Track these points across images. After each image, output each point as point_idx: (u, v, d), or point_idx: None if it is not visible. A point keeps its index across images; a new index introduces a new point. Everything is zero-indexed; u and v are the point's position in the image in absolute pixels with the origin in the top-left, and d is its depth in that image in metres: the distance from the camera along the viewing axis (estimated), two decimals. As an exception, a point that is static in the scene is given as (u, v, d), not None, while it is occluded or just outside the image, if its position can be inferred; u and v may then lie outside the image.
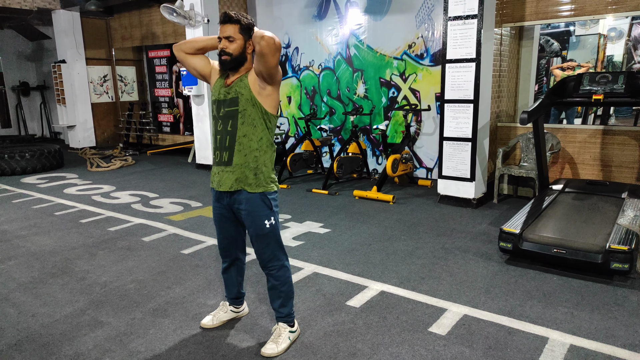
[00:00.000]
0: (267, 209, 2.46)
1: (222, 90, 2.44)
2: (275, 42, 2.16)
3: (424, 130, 6.56)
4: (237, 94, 2.38)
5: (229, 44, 2.34)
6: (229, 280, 2.79)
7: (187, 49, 2.55)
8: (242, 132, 2.39)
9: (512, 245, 3.60)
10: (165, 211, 5.38)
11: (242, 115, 2.38)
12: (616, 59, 8.50)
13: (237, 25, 2.33)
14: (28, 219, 5.18)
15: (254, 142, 2.41)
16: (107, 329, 2.81)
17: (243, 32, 2.34)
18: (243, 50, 2.36)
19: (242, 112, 2.38)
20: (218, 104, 2.45)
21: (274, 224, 2.49)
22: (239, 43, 2.34)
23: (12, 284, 3.48)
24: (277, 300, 2.58)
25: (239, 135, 2.40)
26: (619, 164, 5.02)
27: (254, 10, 8.18)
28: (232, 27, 2.32)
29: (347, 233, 4.49)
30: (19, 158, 7.73)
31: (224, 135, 2.43)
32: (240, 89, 2.38)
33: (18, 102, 12.11)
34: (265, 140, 2.44)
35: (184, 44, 2.55)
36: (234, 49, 2.34)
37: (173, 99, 10.24)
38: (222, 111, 2.42)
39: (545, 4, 5.22)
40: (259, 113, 2.39)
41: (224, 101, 2.42)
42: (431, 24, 6.24)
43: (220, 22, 2.36)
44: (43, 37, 10.91)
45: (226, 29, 2.33)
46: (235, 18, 2.32)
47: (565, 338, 2.62)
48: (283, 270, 2.55)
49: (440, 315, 2.89)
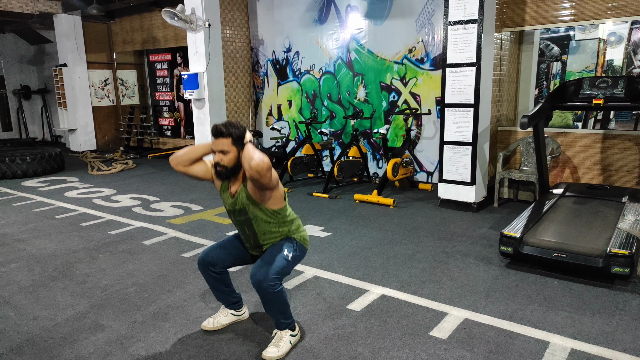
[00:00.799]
0: (290, 246, 2.58)
1: (229, 202, 2.58)
2: (264, 167, 2.27)
3: (425, 134, 6.57)
4: (243, 205, 2.52)
5: (223, 157, 2.42)
6: (219, 292, 2.79)
7: (184, 162, 2.59)
8: (261, 231, 2.57)
9: (513, 249, 3.60)
10: (166, 215, 5.38)
11: (255, 221, 2.54)
12: (616, 63, 8.52)
13: (229, 139, 2.39)
14: (29, 222, 5.19)
15: (276, 232, 2.58)
16: (107, 332, 2.81)
17: (235, 143, 2.41)
18: (237, 160, 2.44)
19: (254, 218, 2.53)
20: (229, 213, 2.63)
21: (292, 256, 2.57)
22: (233, 155, 2.42)
23: (13, 287, 3.48)
24: (276, 314, 2.56)
25: (259, 234, 2.58)
26: (619, 168, 5.03)
27: (255, 14, 8.21)
28: (225, 141, 2.39)
29: (347, 237, 4.49)
30: (20, 161, 7.74)
31: (246, 235, 2.63)
32: (244, 201, 2.51)
33: (19, 106, 12.14)
34: (282, 219, 2.58)
35: (180, 157, 2.58)
36: (228, 161, 2.43)
37: (174, 103, 10.26)
38: (236, 219, 2.60)
39: (545, 9, 5.25)
40: (269, 213, 2.53)
41: (234, 211, 2.58)
42: (431, 29, 6.26)
43: (213, 136, 2.43)
44: (44, 41, 10.95)
45: (219, 143, 2.40)
46: (227, 132, 2.39)
47: (566, 342, 2.62)
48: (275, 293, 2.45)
49: (441, 319, 2.89)
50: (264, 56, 8.31)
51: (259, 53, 8.38)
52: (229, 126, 2.39)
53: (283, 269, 2.50)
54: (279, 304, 2.51)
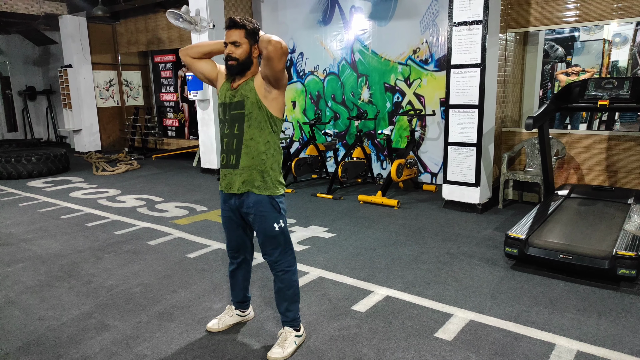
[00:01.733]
0: (276, 212, 2.48)
1: (228, 94, 2.46)
2: (282, 47, 2.19)
3: (429, 135, 6.56)
4: (243, 97, 2.40)
5: (235, 49, 2.36)
6: (235, 284, 2.80)
7: (194, 53, 2.57)
8: (249, 135, 2.42)
9: (518, 250, 3.59)
10: (171, 215, 5.40)
11: (248, 118, 2.41)
12: (621, 64, 8.49)
13: (243, 30, 2.35)
14: (34, 222, 5.21)
15: (261, 145, 2.43)
16: (113, 332, 2.82)
17: (249, 36, 2.36)
18: (249, 54, 2.38)
19: (249, 115, 2.40)
20: (224, 106, 2.47)
21: (283, 226, 2.51)
22: (245, 48, 2.36)
23: (19, 287, 3.49)
24: (283, 304, 2.59)
25: (245, 138, 2.42)
26: (625, 170, 5.01)
27: (259, 15, 8.23)
28: (238, 32, 2.34)
29: (351, 238, 4.49)
30: (25, 162, 7.78)
31: (231, 139, 2.45)
32: (247, 93, 2.40)
33: (24, 107, 12.20)
34: (272, 143, 2.46)
35: (190, 48, 2.57)
36: (240, 54, 2.36)
37: (178, 104, 10.29)
38: (229, 114, 2.45)
39: (550, 10, 5.23)
40: (265, 116, 2.41)
41: (230, 104, 2.44)
42: (436, 30, 6.26)
43: (226, 28, 2.38)
44: (50, 42, 11.00)
45: (232, 34, 2.35)
46: (241, 23, 2.34)
47: (572, 344, 2.61)
48: (290, 274, 2.56)
49: (446, 321, 2.88)
50: (268, 57, 8.31)
51: (263, 54, 8.38)
52: (243, 18, 2.35)
53: (287, 240, 2.53)
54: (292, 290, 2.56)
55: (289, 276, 2.55)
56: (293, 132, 8.23)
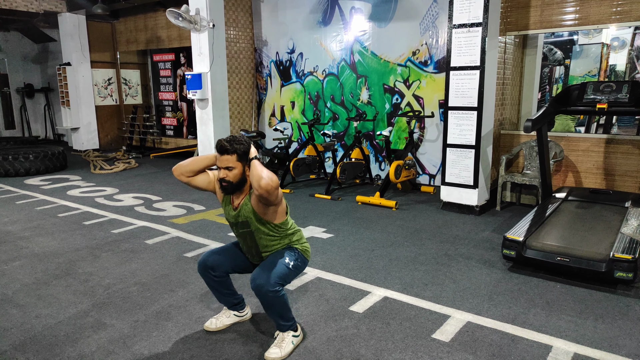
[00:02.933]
0: (292, 253, 2.60)
1: (232, 214, 2.59)
2: (274, 185, 2.31)
3: (427, 136, 6.57)
4: (246, 218, 2.53)
5: (229, 173, 2.44)
6: (220, 297, 2.80)
7: (188, 173, 2.60)
8: (263, 244, 2.59)
9: (516, 252, 3.60)
10: (169, 214, 5.39)
11: (257, 233, 2.56)
12: (619, 68, 8.52)
13: (235, 155, 2.41)
14: (31, 220, 5.20)
15: (277, 244, 2.60)
16: (110, 331, 2.81)
17: (241, 159, 2.43)
18: (242, 175, 2.47)
19: (256, 230, 2.55)
20: (232, 225, 2.64)
21: (294, 265, 2.56)
22: (239, 170, 2.45)
23: (16, 285, 3.48)
24: (277, 317, 2.56)
25: (261, 247, 2.61)
26: (623, 173, 5.03)
27: (259, 15, 8.23)
28: (230, 157, 2.42)
29: (349, 238, 4.49)
30: (23, 159, 7.76)
31: (248, 247, 2.65)
32: (247, 214, 2.52)
33: (22, 104, 12.17)
34: (284, 232, 2.60)
35: (183, 167, 2.59)
36: (233, 177, 2.45)
37: (177, 103, 10.28)
38: (238, 232, 2.62)
39: (549, 13, 5.25)
40: (271, 227, 2.55)
41: (237, 223, 2.59)
42: (435, 32, 6.27)
43: (218, 152, 2.43)
44: (48, 40, 10.98)
45: (224, 160, 2.42)
46: (232, 149, 2.40)
47: (569, 346, 2.62)
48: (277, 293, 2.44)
49: (444, 322, 2.89)
50: (267, 57, 8.32)
51: (262, 54, 8.39)
52: (233, 142, 2.40)
53: (284, 276, 2.48)
54: (279, 308, 2.51)
55: (274, 294, 2.43)
56: (292, 133, 8.23)
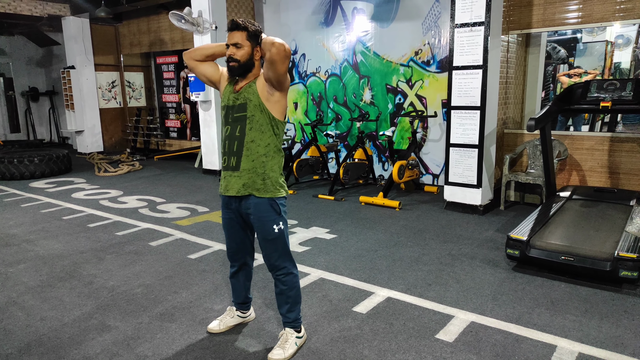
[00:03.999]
0: (275, 214, 2.48)
1: (231, 96, 2.47)
2: (286, 49, 2.20)
3: (430, 136, 6.56)
4: (245, 99, 2.41)
5: (237, 51, 2.36)
6: (236, 285, 2.80)
7: (197, 56, 2.58)
8: (250, 138, 2.42)
9: (520, 252, 3.59)
10: (172, 216, 5.40)
11: (250, 121, 2.41)
12: (624, 66, 8.47)
13: (245, 32, 2.35)
14: (36, 223, 5.22)
15: (262, 148, 2.43)
16: (114, 333, 2.82)
17: (250, 38, 2.36)
18: (251, 56, 2.39)
19: (250, 117, 2.40)
20: (227, 109, 2.48)
21: (282, 229, 2.50)
22: (247, 50, 2.37)
23: (21, 288, 3.50)
24: (285, 306, 2.58)
25: (246, 140, 2.42)
26: (627, 171, 4.99)
27: (262, 16, 8.24)
28: (240, 34, 2.35)
29: (353, 239, 4.49)
30: (28, 162, 7.80)
31: (232, 141, 2.45)
32: (249, 95, 2.40)
33: (27, 108, 12.24)
34: (272, 146, 2.46)
35: (193, 51, 2.59)
36: (241, 56, 2.37)
37: (180, 105, 10.31)
38: (231, 116, 2.45)
39: (552, 11, 5.23)
40: (267, 119, 2.42)
41: (233, 107, 2.45)
42: (438, 31, 6.26)
43: (228, 29, 2.39)
44: (53, 43, 11.04)
45: (234, 36, 2.36)
46: (243, 25, 2.35)
47: (573, 346, 2.60)
48: (291, 276, 2.56)
49: (447, 322, 2.88)
50: (270, 58, 8.32)
51: (265, 55, 8.39)
52: (245, 20, 2.37)
53: (284, 247, 2.51)
54: (294, 294, 2.55)
55: (290, 278, 2.55)
56: (295, 134, 8.23)
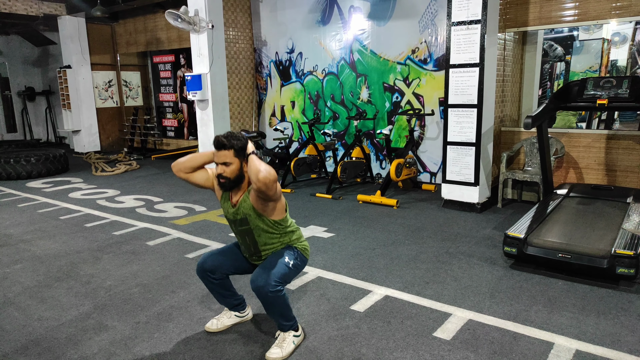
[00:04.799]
0: (292, 252, 2.60)
1: (230, 211, 2.58)
2: (272, 179, 2.29)
3: (428, 134, 6.56)
4: (244, 215, 2.52)
5: (226, 169, 2.43)
6: (220, 296, 2.79)
7: (186, 169, 2.61)
8: (262, 242, 2.58)
9: (517, 249, 3.59)
10: (170, 215, 5.39)
11: (256, 231, 2.54)
12: (620, 63, 8.49)
13: (232, 151, 2.40)
14: (33, 223, 5.21)
15: (276, 241, 2.59)
16: (112, 332, 2.81)
17: (238, 155, 2.42)
18: (240, 171, 2.47)
19: (255, 228, 2.54)
20: (230, 222, 2.62)
21: (293, 264, 2.56)
22: (236, 166, 2.44)
23: (18, 288, 3.49)
24: (276, 316, 2.55)
25: (260, 244, 2.59)
26: (624, 169, 5.01)
27: (258, 15, 8.23)
28: (227, 153, 2.41)
29: (350, 237, 4.49)
30: (25, 162, 7.77)
31: (248, 247, 2.62)
32: (247, 211, 2.51)
33: (24, 107, 12.20)
34: (284, 234, 2.60)
35: (182, 164, 2.60)
36: (231, 172, 2.44)
37: (177, 104, 10.29)
38: (237, 229, 2.60)
39: (548, 9, 5.23)
40: (270, 223, 2.54)
41: (235, 221, 2.58)
42: (434, 29, 6.26)
43: (215, 147, 2.42)
44: (49, 43, 11.00)
45: (221, 155, 2.41)
46: (229, 145, 2.40)
47: (571, 343, 2.61)
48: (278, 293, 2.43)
49: (445, 320, 2.88)
50: (267, 57, 8.32)
51: (262, 54, 8.39)
52: (230, 138, 2.40)
53: (284, 276, 2.47)
54: (280, 308, 2.50)
55: (274, 294, 2.41)
56: (292, 132, 8.23)
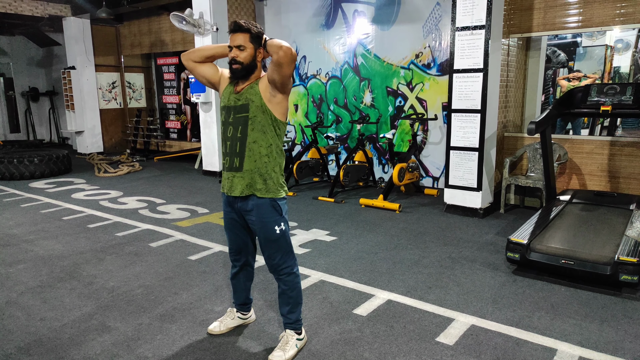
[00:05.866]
0: (277, 215, 2.48)
1: (232, 97, 2.46)
2: (292, 53, 2.23)
3: (431, 139, 6.57)
4: (247, 100, 2.41)
5: (240, 53, 2.37)
6: (237, 286, 2.80)
7: (196, 57, 2.56)
8: (252, 139, 2.42)
9: (520, 255, 3.59)
10: (172, 217, 5.40)
11: (252, 122, 2.41)
12: (623, 70, 8.49)
13: (248, 34, 2.36)
14: (36, 223, 5.22)
15: (264, 148, 2.44)
16: (114, 334, 2.82)
17: (253, 40, 2.37)
18: (253, 58, 2.40)
19: (252, 118, 2.41)
20: (228, 110, 2.47)
21: (284, 229, 2.51)
22: (250, 52, 2.37)
23: (21, 288, 3.50)
24: (286, 307, 2.59)
25: (249, 141, 2.42)
26: (627, 175, 5.00)
27: (262, 18, 8.26)
28: (243, 36, 2.36)
29: (353, 241, 4.49)
30: (28, 163, 7.79)
31: (234, 142, 2.45)
32: (251, 96, 2.41)
33: (27, 108, 12.23)
34: (274, 146, 2.47)
35: (192, 52, 2.57)
36: (244, 58, 2.37)
37: (181, 106, 10.31)
38: (232, 117, 2.45)
39: (552, 16, 5.24)
40: (269, 120, 2.42)
41: (234, 107, 2.44)
42: (438, 34, 6.27)
43: (231, 31, 2.38)
44: (53, 44, 11.04)
45: (237, 38, 2.36)
46: (246, 27, 2.35)
47: (574, 350, 2.60)
48: (292, 276, 2.56)
49: (448, 325, 2.88)
50: (270, 60, 8.33)
51: (265, 57, 8.40)
52: (248, 22, 2.36)
53: (287, 247, 2.53)
54: (295, 294, 2.57)
55: (292, 278, 2.56)
56: (295, 135, 8.24)
